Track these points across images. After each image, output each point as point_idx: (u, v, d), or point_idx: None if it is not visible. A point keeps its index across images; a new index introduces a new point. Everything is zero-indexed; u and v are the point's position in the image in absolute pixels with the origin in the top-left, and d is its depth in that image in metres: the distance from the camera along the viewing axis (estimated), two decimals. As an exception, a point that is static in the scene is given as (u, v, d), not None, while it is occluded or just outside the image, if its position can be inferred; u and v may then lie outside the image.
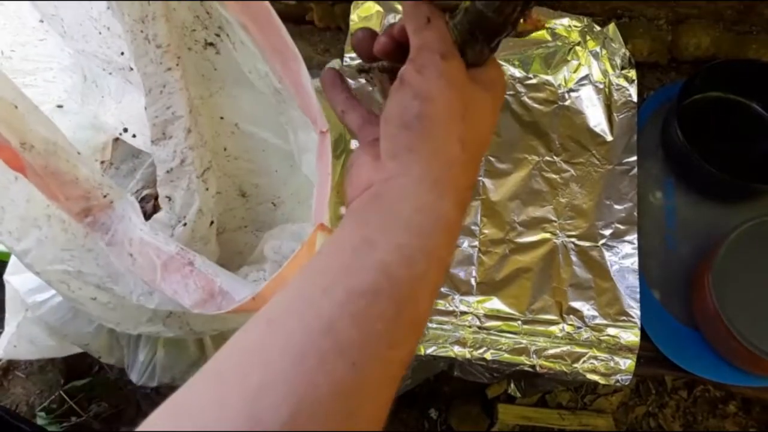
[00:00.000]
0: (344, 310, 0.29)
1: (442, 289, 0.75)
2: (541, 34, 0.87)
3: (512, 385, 0.92)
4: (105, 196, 0.49)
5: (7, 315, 0.77)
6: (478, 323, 0.74)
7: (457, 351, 0.73)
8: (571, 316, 0.74)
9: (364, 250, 0.31)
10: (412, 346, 0.32)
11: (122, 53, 0.58)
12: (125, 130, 0.67)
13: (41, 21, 0.66)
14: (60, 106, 0.70)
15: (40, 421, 1.10)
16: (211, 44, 0.57)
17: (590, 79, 0.85)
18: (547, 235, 0.78)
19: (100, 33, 0.56)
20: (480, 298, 0.75)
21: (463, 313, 0.74)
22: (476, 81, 0.35)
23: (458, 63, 0.34)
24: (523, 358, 0.72)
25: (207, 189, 0.53)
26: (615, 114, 0.83)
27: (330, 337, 0.28)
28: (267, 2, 0.51)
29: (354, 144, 0.82)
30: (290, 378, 0.27)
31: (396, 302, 0.30)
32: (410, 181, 0.33)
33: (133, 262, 0.48)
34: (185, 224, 0.52)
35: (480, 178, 0.81)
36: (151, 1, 0.45)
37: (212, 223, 0.57)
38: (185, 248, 0.49)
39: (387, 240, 0.31)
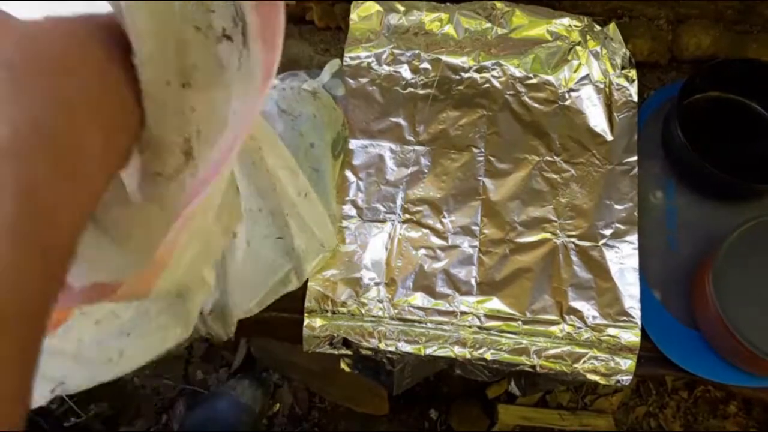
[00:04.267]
0: None
1: (443, 290, 0.75)
2: (542, 33, 0.87)
3: (512, 383, 0.92)
4: None
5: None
6: (478, 323, 0.74)
7: (457, 351, 0.72)
8: (572, 317, 0.74)
9: None
10: None
11: None
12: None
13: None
14: None
15: (39, 422, 1.09)
16: None
17: (590, 78, 0.85)
18: (548, 235, 0.78)
19: None
20: (480, 298, 0.75)
21: (464, 313, 0.74)
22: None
23: None
24: (523, 359, 0.72)
25: None
26: (615, 114, 0.83)
27: None
28: None
29: (353, 143, 0.82)
30: None
31: None
32: None
33: None
34: None
35: (480, 178, 0.80)
36: None
37: None
38: None
39: None
